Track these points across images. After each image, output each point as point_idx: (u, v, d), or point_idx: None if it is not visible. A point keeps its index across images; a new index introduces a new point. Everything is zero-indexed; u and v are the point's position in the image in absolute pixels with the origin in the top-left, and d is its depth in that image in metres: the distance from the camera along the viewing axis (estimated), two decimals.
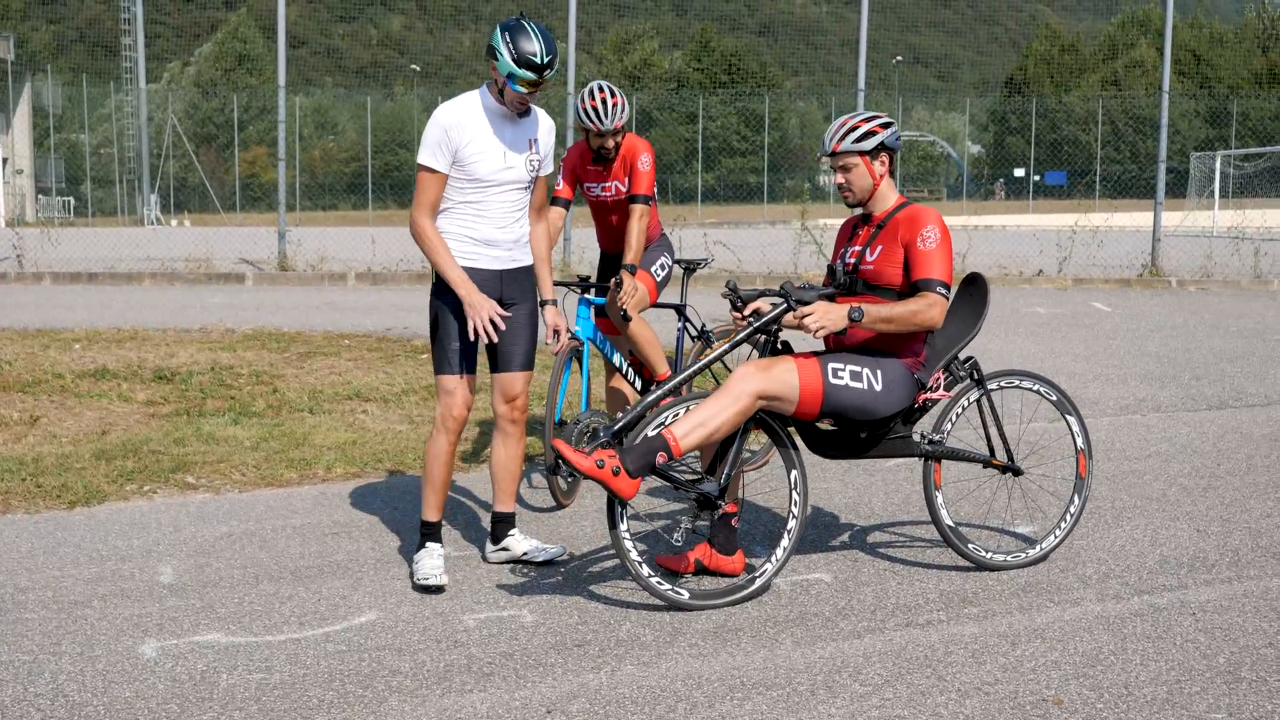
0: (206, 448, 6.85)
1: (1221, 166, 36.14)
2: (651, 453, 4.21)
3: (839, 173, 4.68)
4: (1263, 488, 6.07)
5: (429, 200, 4.67)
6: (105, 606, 4.48)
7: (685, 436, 4.25)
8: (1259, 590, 4.58)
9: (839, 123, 4.68)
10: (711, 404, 4.30)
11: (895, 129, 4.68)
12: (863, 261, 4.64)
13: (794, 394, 4.37)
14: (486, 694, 3.70)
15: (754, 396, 4.31)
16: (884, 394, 4.49)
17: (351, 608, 4.46)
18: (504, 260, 4.82)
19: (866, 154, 4.62)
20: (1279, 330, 11.93)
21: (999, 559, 4.82)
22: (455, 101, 4.73)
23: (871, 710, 3.57)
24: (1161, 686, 3.72)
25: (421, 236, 4.70)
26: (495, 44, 4.59)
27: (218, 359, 9.30)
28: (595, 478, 4.17)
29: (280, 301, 14.27)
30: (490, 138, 4.69)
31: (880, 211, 4.70)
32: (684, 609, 4.37)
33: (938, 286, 4.46)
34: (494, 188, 4.72)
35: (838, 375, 4.42)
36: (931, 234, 4.52)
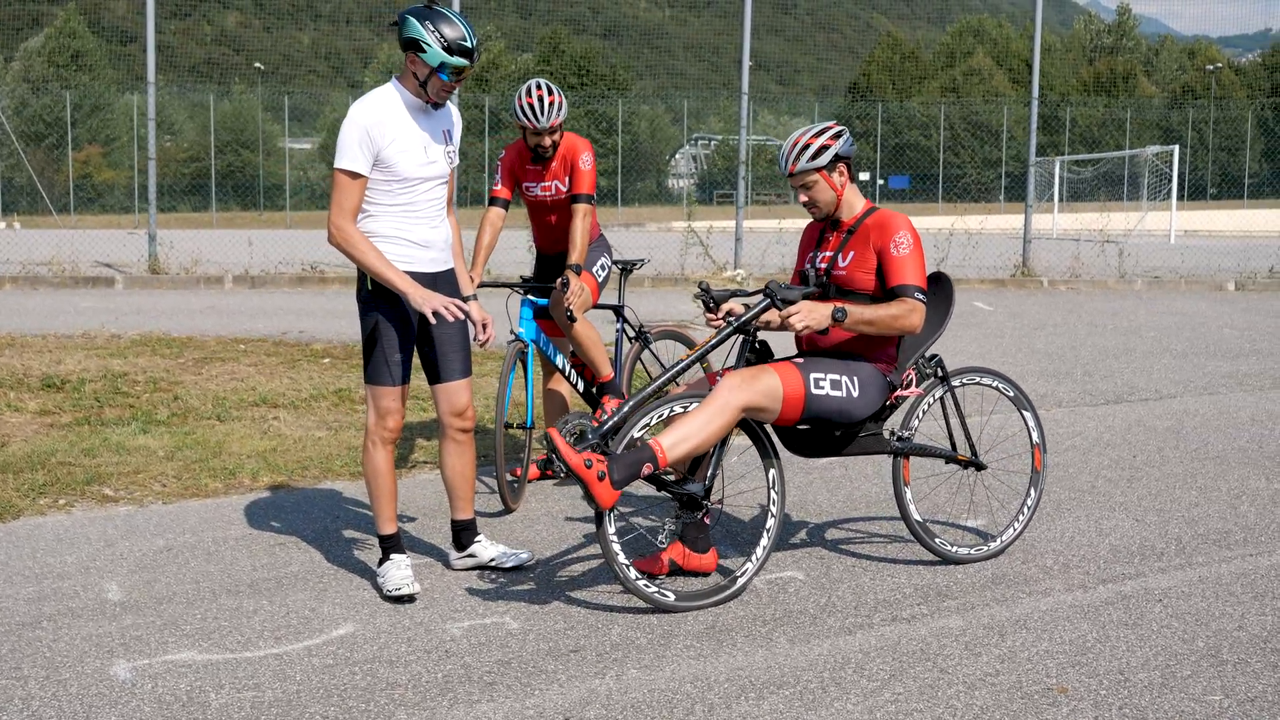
0: (119, 458, 6.55)
1: (1060, 171, 37.54)
2: (638, 464, 4.17)
3: (801, 191, 4.70)
4: (1182, 478, 6.31)
5: (351, 205, 4.47)
6: (57, 627, 4.24)
7: (672, 448, 4.22)
8: (1212, 576, 4.76)
9: (790, 142, 4.69)
10: (698, 417, 4.27)
11: (847, 136, 4.71)
12: (835, 267, 4.67)
13: (777, 405, 4.39)
14: (496, 704, 3.61)
15: (740, 409, 4.31)
16: (860, 399, 4.54)
17: (324, 620, 4.31)
18: (438, 262, 4.71)
19: (823, 169, 4.65)
20: (1152, 327, 12.45)
21: (963, 552, 4.90)
22: (372, 99, 4.53)
23: (887, 705, 3.59)
24: (1154, 671, 3.83)
25: (348, 243, 4.47)
26: (417, 35, 4.43)
27: (109, 365, 8.90)
28: (581, 476, 4.11)
29: (158, 306, 13.73)
30: (411, 133, 4.54)
31: (849, 217, 4.74)
32: (670, 611, 4.34)
33: (915, 292, 4.53)
34: (420, 185, 4.58)
35: (819, 385, 4.44)
36: (904, 240, 4.58)
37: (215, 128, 54.33)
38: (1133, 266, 17.57)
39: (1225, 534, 5.32)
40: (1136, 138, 57.77)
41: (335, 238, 4.52)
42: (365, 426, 4.71)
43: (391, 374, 4.61)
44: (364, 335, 4.69)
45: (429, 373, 4.77)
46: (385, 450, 4.67)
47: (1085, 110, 59.83)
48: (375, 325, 4.61)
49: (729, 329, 4.54)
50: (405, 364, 4.64)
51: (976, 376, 5.02)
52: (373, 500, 4.72)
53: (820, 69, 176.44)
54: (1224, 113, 62.05)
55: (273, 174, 58.10)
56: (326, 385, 8.52)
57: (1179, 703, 3.60)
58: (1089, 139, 59.69)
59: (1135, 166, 41.42)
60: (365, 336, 4.67)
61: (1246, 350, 10.87)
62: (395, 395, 4.63)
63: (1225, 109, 62.69)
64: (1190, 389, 8.94)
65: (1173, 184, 32.02)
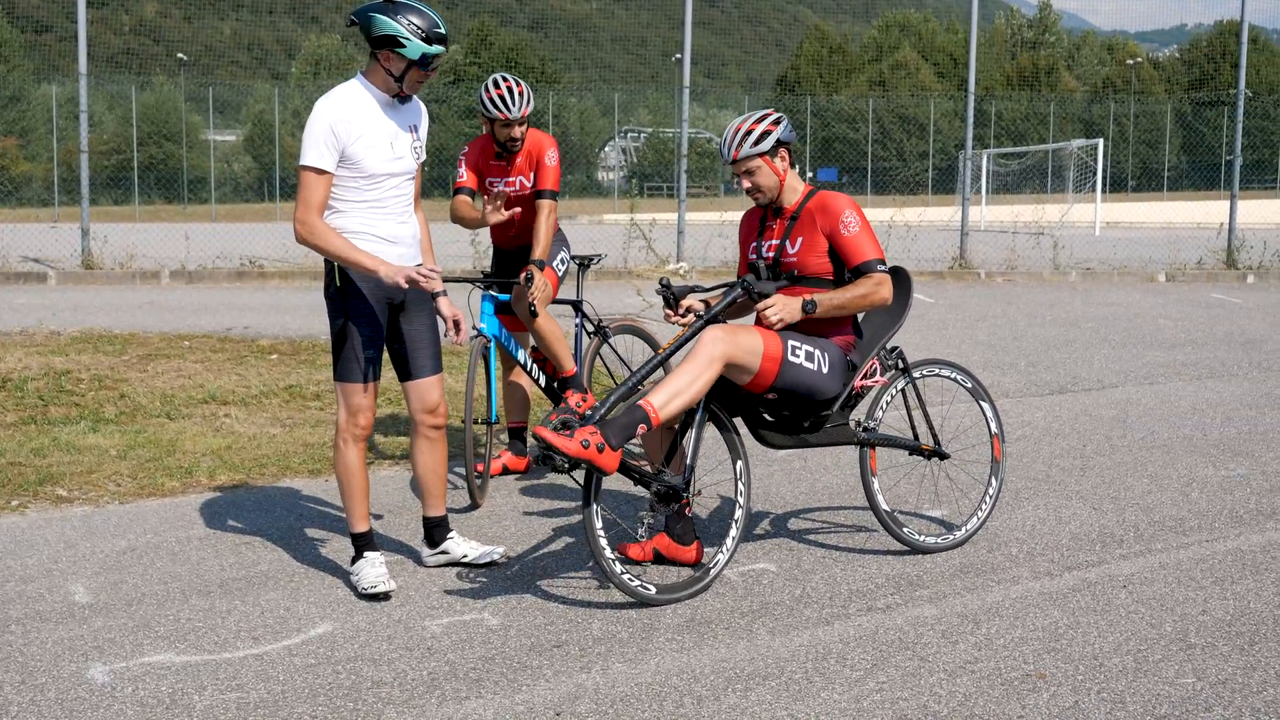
0: (70, 458, 6.44)
1: (987, 165, 38.04)
2: (633, 424, 4.19)
3: (744, 178, 4.74)
4: (1132, 466, 6.45)
5: (318, 202, 4.44)
6: (27, 631, 4.17)
7: (664, 406, 4.25)
8: (1172, 562, 4.88)
9: (732, 130, 4.73)
10: (684, 372, 4.30)
11: (786, 122, 4.77)
12: (783, 255, 4.72)
13: (756, 362, 4.43)
14: (485, 701, 3.61)
15: (723, 360, 4.35)
16: (829, 376, 4.61)
17: (300, 619, 4.28)
18: (406, 258, 4.67)
19: (766, 154, 4.70)
20: (1089, 318, 12.68)
21: (930, 541, 4.98)
22: (337, 95, 4.49)
23: (872, 694, 3.64)
24: (1127, 656, 3.92)
25: (314, 235, 4.44)
26: (393, 31, 4.39)
27: (51, 363, 8.73)
28: (582, 458, 4.10)
29: (95, 302, 13.47)
30: (378, 129, 4.51)
31: (791, 204, 4.79)
32: (650, 604, 4.36)
33: (877, 266, 4.60)
34: (387, 180, 4.56)
35: (795, 353, 4.51)
36: (851, 219, 4.64)
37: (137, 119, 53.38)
38: (1066, 259, 17.87)
39: (1180, 521, 5.45)
40: (1060, 131, 58.73)
41: (301, 233, 4.49)
42: (336, 424, 4.68)
43: (362, 371, 4.58)
44: (333, 332, 4.65)
45: (399, 370, 4.75)
46: (357, 448, 4.64)
47: (1010, 104, 60.70)
48: (345, 323, 4.57)
49: (700, 323, 4.56)
50: (375, 361, 4.61)
51: (937, 369, 5.11)
52: (345, 498, 4.69)
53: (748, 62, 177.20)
54: (1144, 107, 63.30)
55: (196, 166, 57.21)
56: (276, 382, 8.43)
57: (1154, 686, 3.69)
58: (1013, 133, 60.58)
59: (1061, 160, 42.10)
60: (335, 334, 4.63)
61: (1182, 340, 11.12)
62: (366, 392, 4.60)
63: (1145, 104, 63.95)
64: (1131, 379, 9.13)
65: (1098, 177, 32.58)
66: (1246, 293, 15.70)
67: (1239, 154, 17.90)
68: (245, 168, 65.62)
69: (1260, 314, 13.26)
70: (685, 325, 4.57)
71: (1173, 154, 62.74)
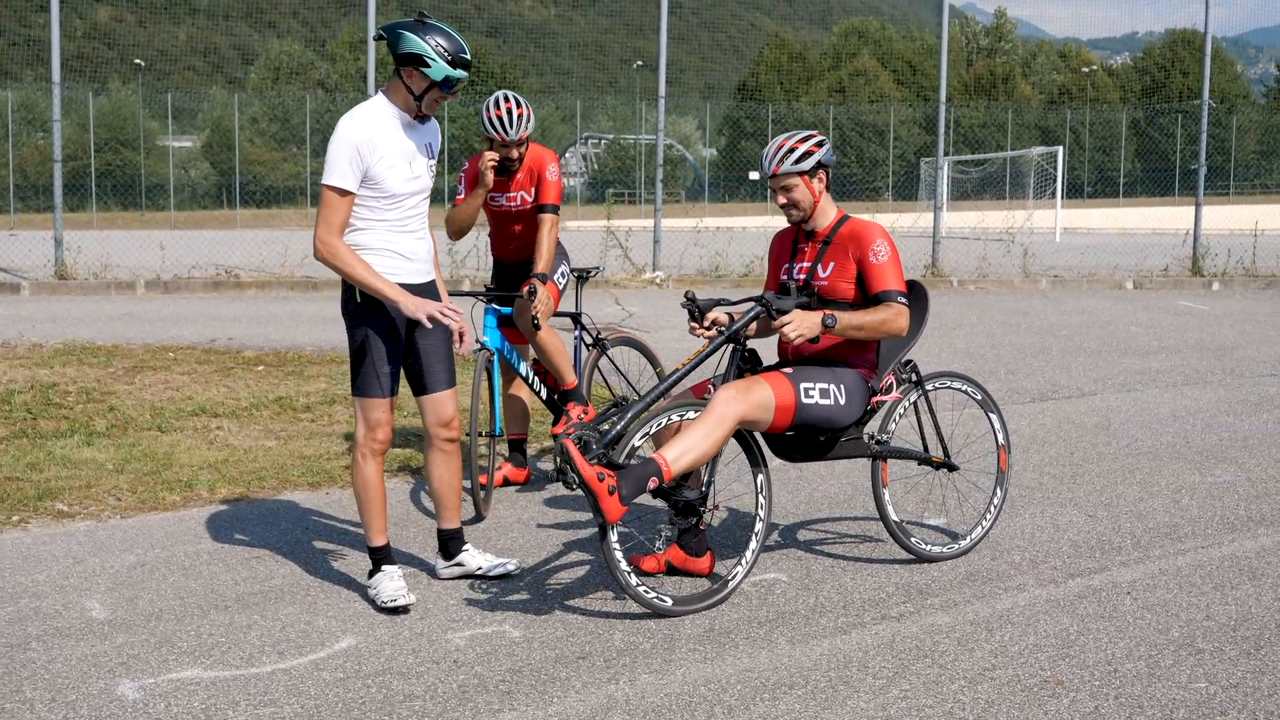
0: (67, 472, 6.43)
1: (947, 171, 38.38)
2: (644, 479, 4.25)
3: (780, 194, 4.82)
4: (1121, 473, 6.58)
5: (339, 221, 4.49)
6: (48, 647, 4.18)
7: (675, 461, 4.31)
8: (1171, 568, 5.00)
9: (776, 145, 4.81)
10: (698, 430, 4.37)
11: (828, 145, 4.86)
12: (815, 277, 4.80)
13: (770, 415, 4.52)
14: (519, 713, 3.66)
15: (735, 420, 4.42)
16: (846, 405, 4.69)
17: (323, 634, 4.31)
18: (423, 274, 4.74)
19: (806, 173, 4.78)
20: (1063, 326, 12.87)
21: (936, 550, 5.07)
22: (361, 115, 4.52)
23: (897, 701, 3.72)
24: (1140, 661, 4.03)
25: (335, 258, 4.48)
26: (419, 51, 4.45)
27: (36, 376, 8.68)
28: (593, 490, 4.16)
29: (73, 313, 13.37)
30: (399, 149, 4.56)
31: (824, 227, 4.87)
32: (667, 615, 4.42)
33: (897, 297, 4.69)
34: (407, 199, 4.62)
35: (809, 394, 4.58)
36: (882, 248, 4.73)
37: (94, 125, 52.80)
38: (1035, 266, 18.10)
39: (1174, 527, 5.57)
40: (1017, 139, 59.38)
41: (322, 253, 4.52)
42: (355, 439, 4.71)
43: (381, 385, 4.62)
44: (352, 348, 4.68)
45: (414, 384, 4.79)
46: (375, 462, 4.68)
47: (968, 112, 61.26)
48: (365, 338, 4.61)
49: (720, 338, 4.64)
50: (394, 375, 4.65)
51: (948, 380, 5.21)
52: (362, 512, 4.72)
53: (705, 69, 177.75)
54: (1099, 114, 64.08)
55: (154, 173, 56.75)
56: (265, 394, 8.43)
57: (1169, 691, 3.80)
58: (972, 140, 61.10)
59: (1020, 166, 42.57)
60: (354, 349, 4.67)
61: (1155, 348, 11.32)
62: (385, 407, 4.64)
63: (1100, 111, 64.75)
64: (1109, 386, 9.29)
65: (1058, 184, 33.00)
66: (1213, 300, 15.98)
67: (1203, 162, 18.18)
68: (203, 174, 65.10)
69: (1228, 321, 13.50)
70: (709, 338, 4.64)
71: (1127, 160, 63.56)
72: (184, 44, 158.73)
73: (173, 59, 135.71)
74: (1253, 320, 13.60)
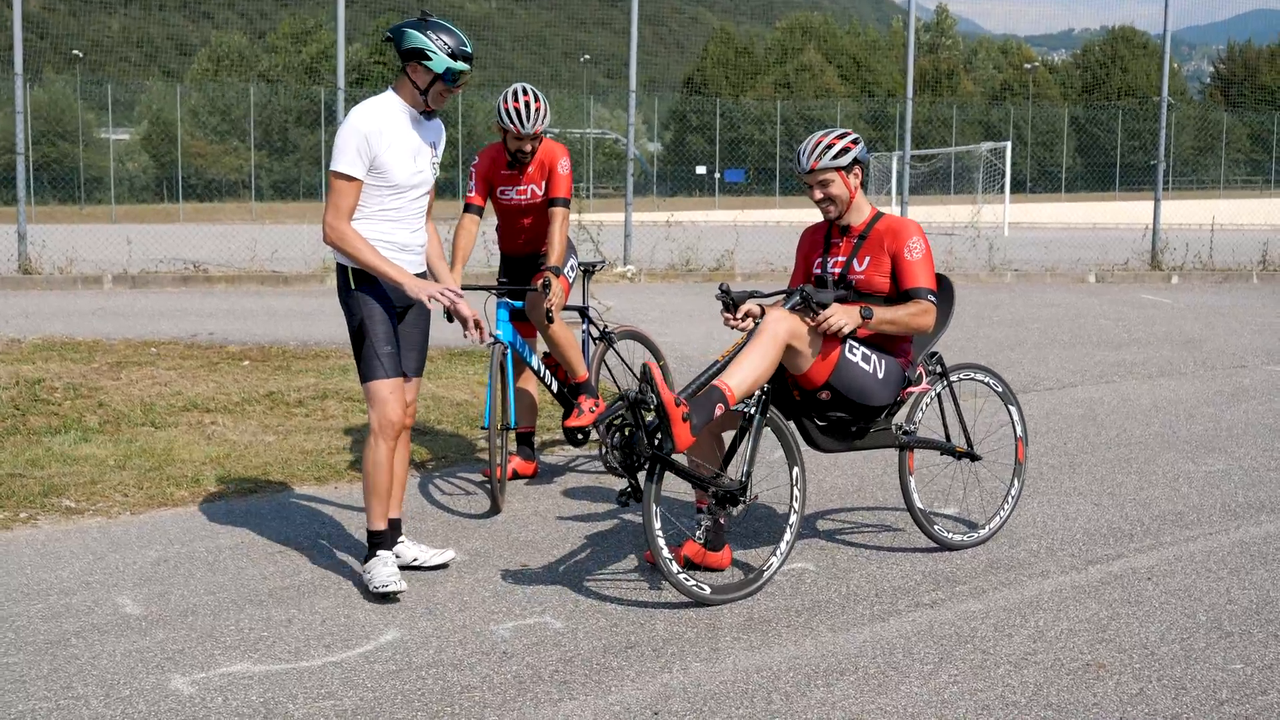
0: (69, 469, 6.37)
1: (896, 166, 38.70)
2: (711, 405, 4.32)
3: (817, 189, 4.88)
4: (1116, 463, 6.72)
5: (348, 207, 4.60)
6: (88, 644, 4.15)
7: (738, 386, 4.39)
8: (1185, 554, 5.12)
9: (813, 141, 4.88)
10: (753, 353, 4.44)
11: (864, 143, 4.93)
12: (850, 271, 4.88)
13: (812, 355, 4.60)
14: (579, 703, 3.69)
15: (787, 337, 4.49)
16: (883, 383, 4.78)
17: (365, 627, 4.32)
18: (415, 265, 4.83)
19: (843, 169, 4.85)
20: (1034, 319, 13.07)
21: (957, 539, 5.17)
22: (371, 107, 4.66)
23: (949, 686, 3.80)
24: (1174, 645, 4.14)
25: (343, 241, 4.60)
26: (421, 45, 4.61)
27: (19, 372, 8.55)
28: (669, 414, 4.18)
29: (43, 308, 13.14)
30: (405, 142, 4.70)
31: (859, 222, 4.94)
32: (705, 603, 4.48)
33: (928, 294, 4.78)
34: (408, 192, 4.73)
35: (853, 351, 4.69)
36: (917, 245, 4.82)
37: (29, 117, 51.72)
38: (1001, 260, 18.35)
39: (1179, 515, 5.71)
40: (960, 135, 59.97)
41: (330, 237, 4.62)
42: (370, 425, 4.73)
43: (385, 367, 4.68)
44: (351, 332, 4.77)
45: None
46: (386, 445, 4.71)
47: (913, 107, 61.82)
48: (362, 321, 4.70)
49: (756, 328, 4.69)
50: (396, 356, 4.72)
51: (972, 372, 5.31)
52: (366, 495, 4.75)
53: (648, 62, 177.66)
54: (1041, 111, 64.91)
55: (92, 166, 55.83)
56: (255, 389, 8.37)
57: (1208, 673, 3.90)
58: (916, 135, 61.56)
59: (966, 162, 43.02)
60: (353, 333, 4.75)
61: (1126, 340, 11.53)
62: (391, 387, 4.69)
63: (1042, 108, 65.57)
64: (1088, 378, 9.46)
65: (1006, 179, 33.42)
66: (1173, 293, 16.29)
67: (1162, 158, 18.51)
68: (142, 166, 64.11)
69: (1191, 314, 13.77)
70: (744, 330, 4.69)
71: (1069, 156, 64.47)
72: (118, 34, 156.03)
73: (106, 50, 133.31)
74: (1216, 313, 13.89)
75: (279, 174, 60.72)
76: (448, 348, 9.98)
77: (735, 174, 61.19)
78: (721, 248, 18.92)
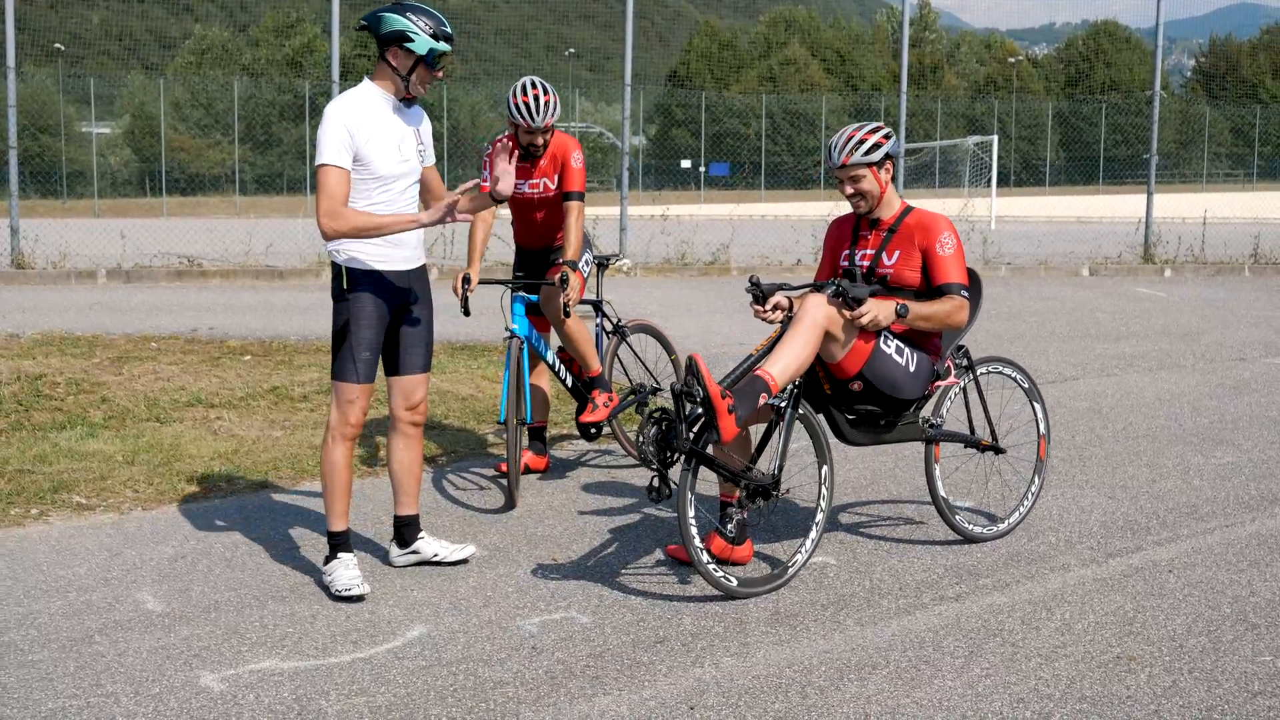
0: (78, 464, 6.32)
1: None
2: (755, 395, 4.32)
3: (848, 184, 4.87)
4: (1125, 456, 6.74)
5: (342, 194, 4.50)
6: (113, 641, 4.12)
7: (781, 374, 4.40)
8: (1203, 547, 5.14)
9: (845, 136, 4.86)
10: (793, 340, 4.45)
11: (895, 138, 4.92)
12: (879, 265, 4.87)
13: (848, 344, 4.60)
14: (614, 697, 3.68)
15: (825, 323, 4.49)
16: (913, 377, 4.78)
17: (391, 623, 4.30)
18: (412, 260, 4.78)
19: (874, 165, 4.84)
20: (1031, 313, 13.10)
21: (978, 531, 5.18)
22: (349, 99, 4.59)
23: (983, 679, 3.80)
24: (1201, 636, 4.15)
25: (343, 221, 4.47)
26: (401, 28, 4.53)
27: (19, 367, 8.50)
28: (715, 406, 4.18)
29: (39, 303, 13.06)
30: (385, 132, 4.61)
31: (889, 216, 4.93)
32: (733, 596, 4.47)
33: (960, 290, 4.78)
34: (396, 182, 4.64)
35: (887, 343, 4.71)
36: (949, 241, 4.82)
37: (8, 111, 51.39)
38: (995, 253, 18.38)
39: (1194, 507, 5.73)
40: (945, 129, 60.09)
41: (328, 227, 4.51)
42: (327, 423, 4.71)
43: (357, 372, 4.64)
44: (334, 331, 4.72)
45: (388, 365, 4.83)
46: (345, 446, 4.69)
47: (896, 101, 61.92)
48: (346, 323, 4.65)
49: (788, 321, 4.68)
50: (372, 363, 4.68)
51: (998, 366, 5.33)
52: (326, 496, 4.73)
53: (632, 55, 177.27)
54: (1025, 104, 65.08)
55: (74, 160, 55.49)
56: (258, 384, 8.33)
57: (1238, 665, 3.92)
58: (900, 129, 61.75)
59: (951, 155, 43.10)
60: (335, 332, 4.71)
61: (1124, 333, 11.57)
62: (358, 393, 4.66)
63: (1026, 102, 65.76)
64: (1088, 371, 9.49)
65: (993, 173, 33.50)
66: (1167, 286, 16.34)
67: (1155, 152, 18.55)
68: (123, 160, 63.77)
69: (1186, 307, 13.82)
70: (772, 321, 4.68)
71: (1052, 150, 64.68)
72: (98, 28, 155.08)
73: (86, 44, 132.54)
74: (1210, 306, 13.94)
75: (262, 168, 60.46)
76: (450, 342, 9.95)
77: (720, 168, 61.15)
78: (716, 242, 18.92)
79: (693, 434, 4.37)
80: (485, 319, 6.12)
